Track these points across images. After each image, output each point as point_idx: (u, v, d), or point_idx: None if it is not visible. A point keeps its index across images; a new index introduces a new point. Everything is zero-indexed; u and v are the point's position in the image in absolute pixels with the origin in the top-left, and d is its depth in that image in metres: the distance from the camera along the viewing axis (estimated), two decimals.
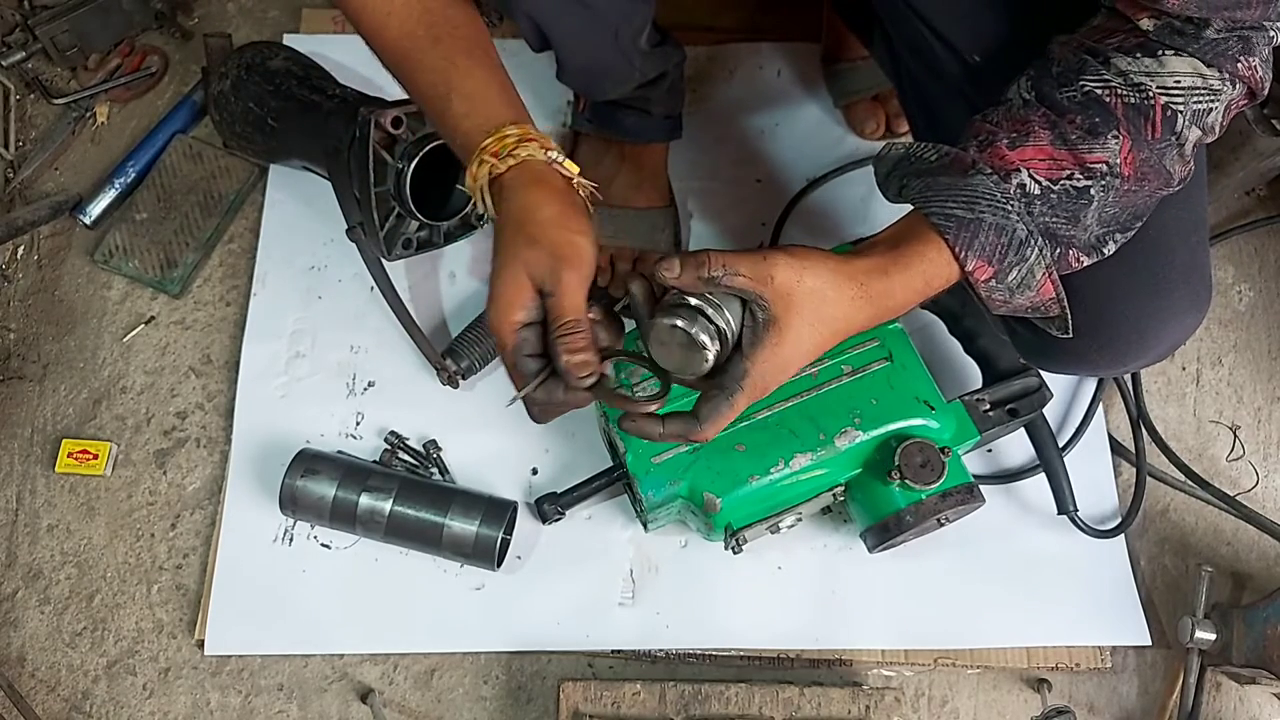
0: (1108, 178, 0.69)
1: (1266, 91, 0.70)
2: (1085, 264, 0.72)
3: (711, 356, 0.68)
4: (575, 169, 0.74)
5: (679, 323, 0.67)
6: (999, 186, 0.68)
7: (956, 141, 0.74)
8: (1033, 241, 0.68)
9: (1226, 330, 1.24)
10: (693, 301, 0.68)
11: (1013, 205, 0.68)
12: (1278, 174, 1.26)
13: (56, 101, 1.31)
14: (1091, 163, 0.68)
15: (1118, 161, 0.68)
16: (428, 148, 1.04)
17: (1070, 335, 0.74)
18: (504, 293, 0.69)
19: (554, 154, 0.73)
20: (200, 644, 1.06)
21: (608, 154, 1.17)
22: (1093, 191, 0.69)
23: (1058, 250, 0.70)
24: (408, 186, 1.04)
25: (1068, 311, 0.73)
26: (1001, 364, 1.02)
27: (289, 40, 1.32)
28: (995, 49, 0.84)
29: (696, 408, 0.70)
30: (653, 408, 0.70)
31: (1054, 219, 0.69)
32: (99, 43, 1.33)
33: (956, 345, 1.08)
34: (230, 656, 1.05)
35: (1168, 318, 0.82)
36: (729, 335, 0.68)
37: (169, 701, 1.05)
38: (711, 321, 0.67)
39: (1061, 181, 0.68)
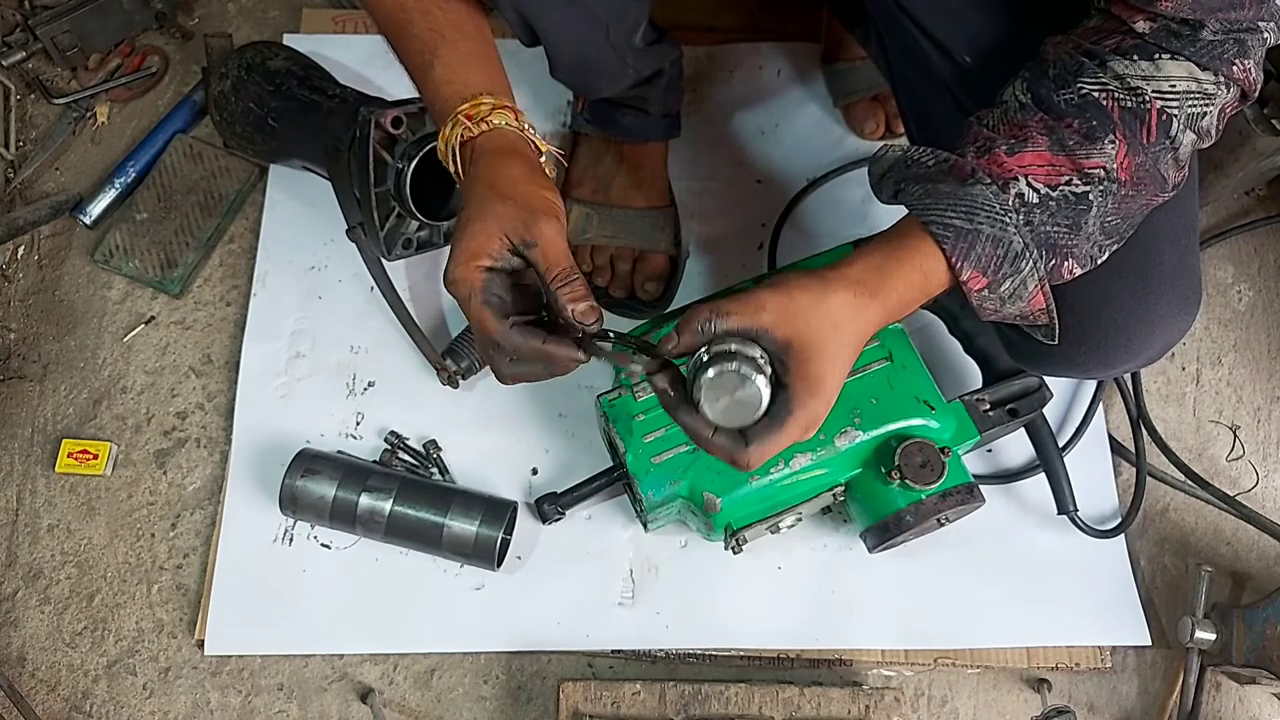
0: (1105, 183, 0.69)
1: (1258, 93, 0.70)
2: (1077, 275, 0.72)
3: (765, 391, 0.67)
4: (545, 146, 0.75)
5: (715, 370, 0.66)
6: (997, 197, 0.68)
7: (949, 142, 0.74)
8: (1028, 254, 0.69)
9: (1226, 330, 1.24)
10: (715, 350, 0.67)
11: (1010, 217, 0.68)
12: (1277, 174, 1.26)
13: (57, 101, 1.31)
14: (1089, 168, 0.68)
15: (1114, 166, 0.69)
16: (428, 148, 1.04)
17: (1056, 342, 0.75)
18: (472, 242, 0.68)
19: (527, 125, 0.74)
20: (200, 644, 1.06)
21: (607, 154, 1.17)
22: (1091, 197, 0.69)
23: (1053, 262, 0.70)
24: (408, 186, 1.04)
25: (1056, 321, 0.73)
26: (1001, 364, 1.02)
27: (289, 40, 1.32)
28: (985, 50, 0.84)
29: (747, 433, 0.69)
30: (640, 368, 0.70)
31: (1054, 227, 0.69)
32: (99, 43, 1.33)
33: (956, 345, 1.08)
34: (230, 656, 1.05)
35: (1155, 321, 0.82)
36: (764, 362, 0.68)
37: (169, 701, 1.05)
38: (744, 354, 0.66)
39: (1060, 188, 0.68)
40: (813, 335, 0.67)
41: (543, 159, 0.75)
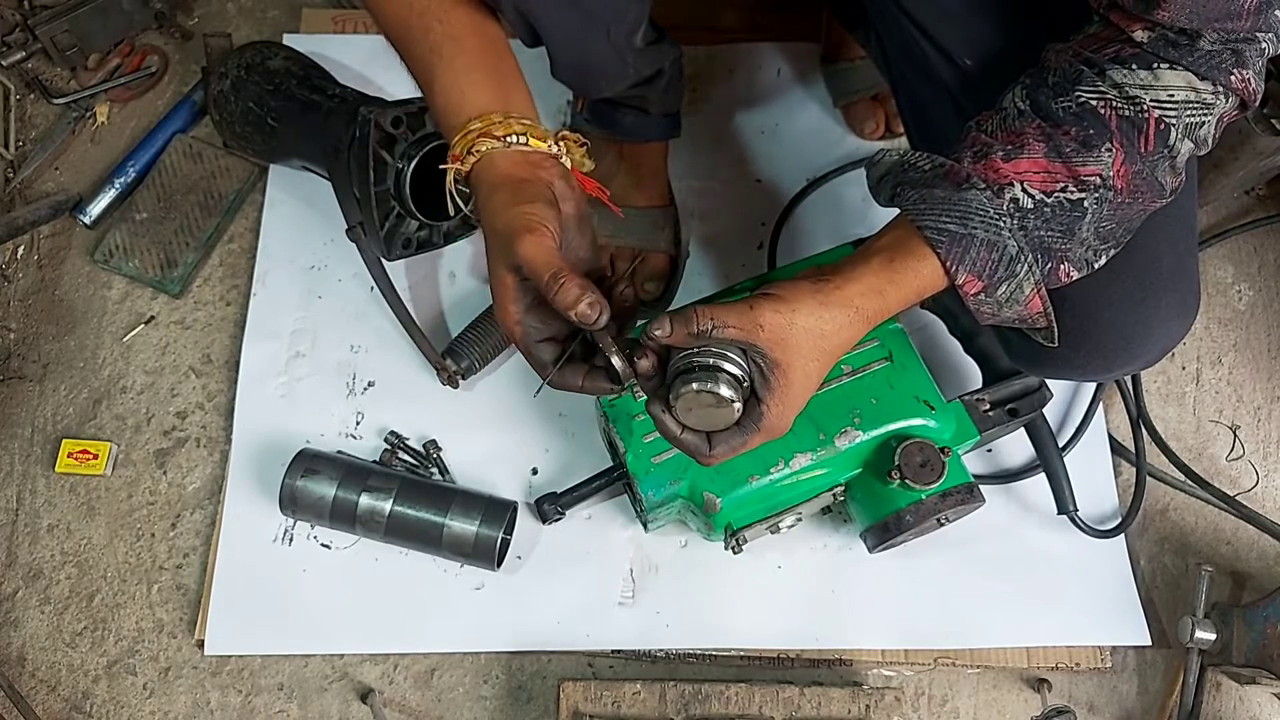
0: (1101, 190, 0.69)
1: (1258, 102, 0.71)
2: (1075, 278, 0.72)
3: (739, 406, 0.70)
4: (544, 144, 0.74)
5: (697, 385, 0.68)
6: (992, 202, 0.68)
7: (947, 143, 0.74)
8: (1023, 258, 0.69)
9: (1226, 330, 1.24)
10: (699, 361, 0.69)
11: (1005, 221, 0.68)
12: (1278, 173, 1.26)
13: (56, 101, 1.31)
14: (1085, 175, 0.68)
15: (1111, 174, 0.69)
16: (428, 148, 1.04)
17: (1056, 345, 0.75)
18: (495, 290, 0.72)
19: (514, 136, 0.73)
20: (200, 644, 1.06)
21: (607, 153, 1.17)
22: (1086, 204, 0.69)
23: (1049, 265, 0.70)
24: (407, 186, 1.04)
25: (1054, 324, 0.73)
26: (1001, 364, 1.02)
27: (289, 40, 1.32)
28: (986, 53, 0.84)
29: (712, 439, 0.73)
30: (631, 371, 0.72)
31: (1048, 232, 0.69)
32: (99, 43, 1.33)
33: (956, 345, 1.08)
34: (230, 656, 1.05)
35: (1154, 324, 0.82)
36: (744, 381, 0.70)
37: (169, 701, 1.05)
38: (727, 373, 0.69)
39: (1055, 194, 0.69)
40: (802, 359, 0.69)
41: (555, 150, 0.75)
